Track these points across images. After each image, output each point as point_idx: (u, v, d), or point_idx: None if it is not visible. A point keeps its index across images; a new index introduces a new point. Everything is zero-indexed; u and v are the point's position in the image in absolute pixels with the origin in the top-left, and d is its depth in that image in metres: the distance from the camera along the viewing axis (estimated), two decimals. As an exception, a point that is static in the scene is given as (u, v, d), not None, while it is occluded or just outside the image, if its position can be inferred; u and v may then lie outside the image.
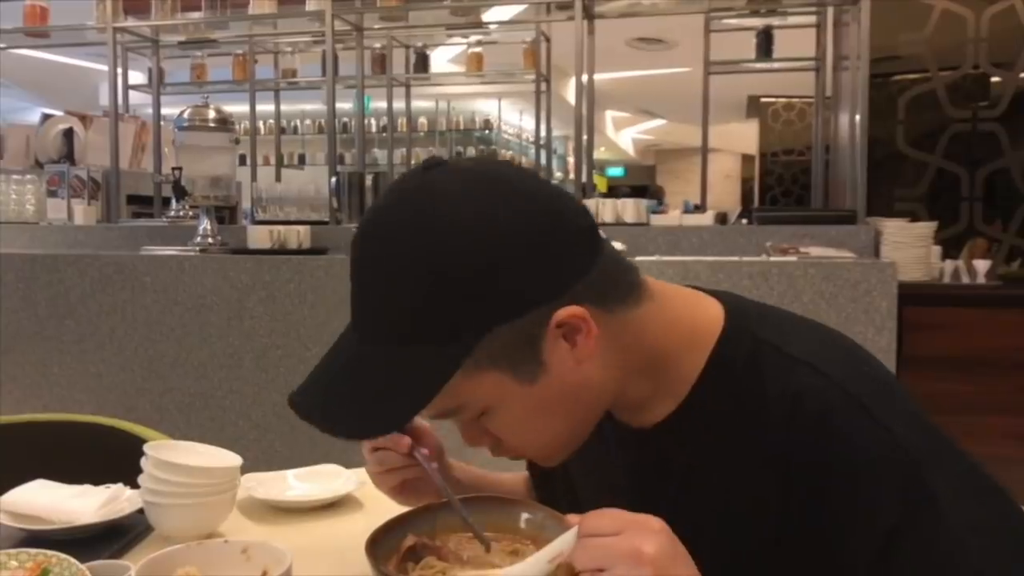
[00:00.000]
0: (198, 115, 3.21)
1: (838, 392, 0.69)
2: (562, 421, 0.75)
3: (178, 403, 2.93)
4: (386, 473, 0.91)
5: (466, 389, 0.69)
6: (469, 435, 0.77)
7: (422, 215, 0.67)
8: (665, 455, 0.79)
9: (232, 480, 1.06)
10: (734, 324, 0.76)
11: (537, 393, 0.71)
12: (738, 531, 0.73)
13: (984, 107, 3.95)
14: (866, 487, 0.66)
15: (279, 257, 2.88)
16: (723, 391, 0.75)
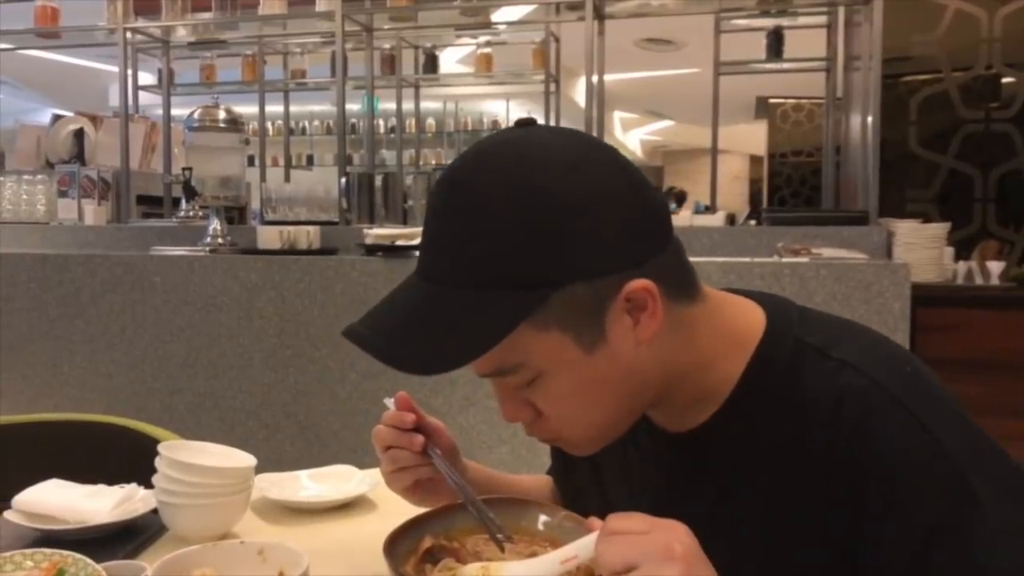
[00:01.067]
0: (208, 116, 3.22)
1: (881, 393, 0.69)
2: (607, 403, 0.74)
3: (188, 403, 2.94)
4: (399, 472, 0.90)
5: (529, 345, 0.68)
6: (511, 405, 0.75)
7: (519, 164, 0.68)
8: (704, 459, 0.78)
9: (246, 480, 1.05)
10: (776, 327, 0.76)
11: (592, 365, 0.70)
12: (778, 534, 0.72)
13: (997, 108, 3.93)
14: (907, 486, 0.66)
15: (289, 257, 2.88)
16: (764, 393, 0.74)
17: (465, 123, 8.64)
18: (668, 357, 0.74)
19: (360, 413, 2.77)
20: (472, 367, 0.70)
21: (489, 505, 0.83)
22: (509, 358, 0.69)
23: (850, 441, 0.68)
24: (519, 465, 2.68)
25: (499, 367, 0.71)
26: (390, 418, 0.90)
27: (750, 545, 0.73)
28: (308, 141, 8.79)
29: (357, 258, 2.80)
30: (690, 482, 0.79)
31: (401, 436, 0.89)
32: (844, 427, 0.68)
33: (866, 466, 0.67)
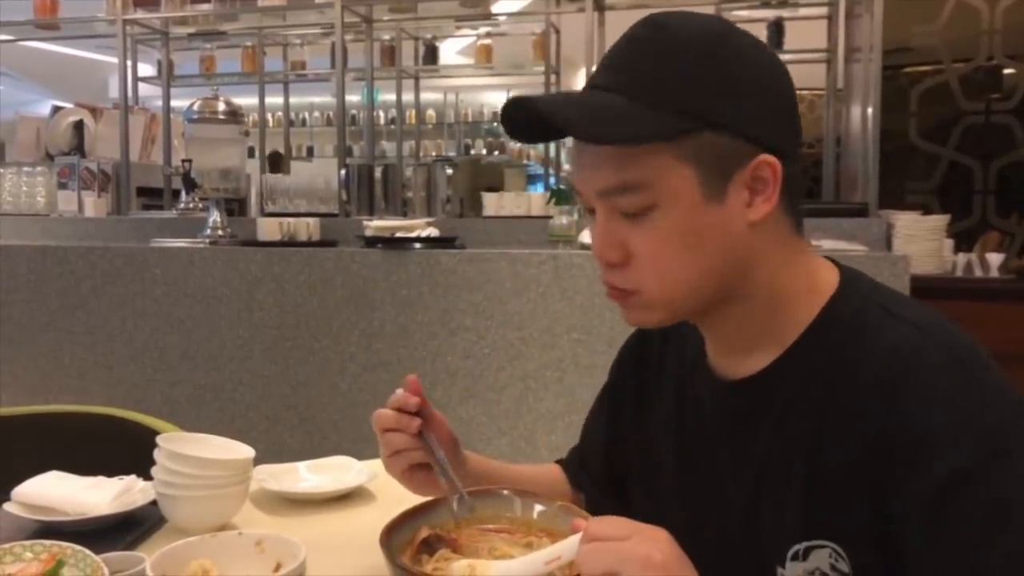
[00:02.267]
0: (208, 107, 3.21)
1: (939, 351, 0.71)
2: (698, 264, 0.76)
3: (188, 395, 2.94)
4: (395, 456, 0.92)
5: (663, 169, 0.73)
6: (607, 241, 0.76)
7: (720, 22, 0.78)
8: (763, 404, 0.80)
9: (245, 472, 1.06)
10: (848, 284, 0.80)
11: (702, 217, 0.74)
12: (821, 485, 0.74)
13: (998, 99, 3.92)
14: (944, 429, 0.67)
15: (289, 249, 2.88)
16: (828, 343, 0.77)
17: (466, 114, 8.63)
18: (760, 262, 0.77)
19: (360, 405, 2.78)
20: (601, 178, 0.74)
21: (486, 496, 0.84)
22: (641, 175, 0.73)
23: (901, 392, 0.70)
24: (518, 457, 2.69)
25: (626, 182, 0.73)
26: (394, 400, 0.92)
27: (794, 496, 0.75)
28: (308, 132, 8.78)
29: (357, 250, 2.80)
30: (746, 429, 0.81)
31: (400, 418, 0.91)
32: (897, 379, 0.71)
33: (913, 415, 0.69)
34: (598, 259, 0.78)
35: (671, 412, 0.91)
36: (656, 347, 0.97)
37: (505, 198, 3.63)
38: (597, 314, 2.56)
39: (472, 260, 2.68)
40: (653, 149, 0.73)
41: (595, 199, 0.76)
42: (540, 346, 2.60)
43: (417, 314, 2.71)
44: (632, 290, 0.77)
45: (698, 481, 0.86)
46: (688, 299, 0.77)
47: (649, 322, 0.80)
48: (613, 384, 1.04)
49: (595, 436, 1.05)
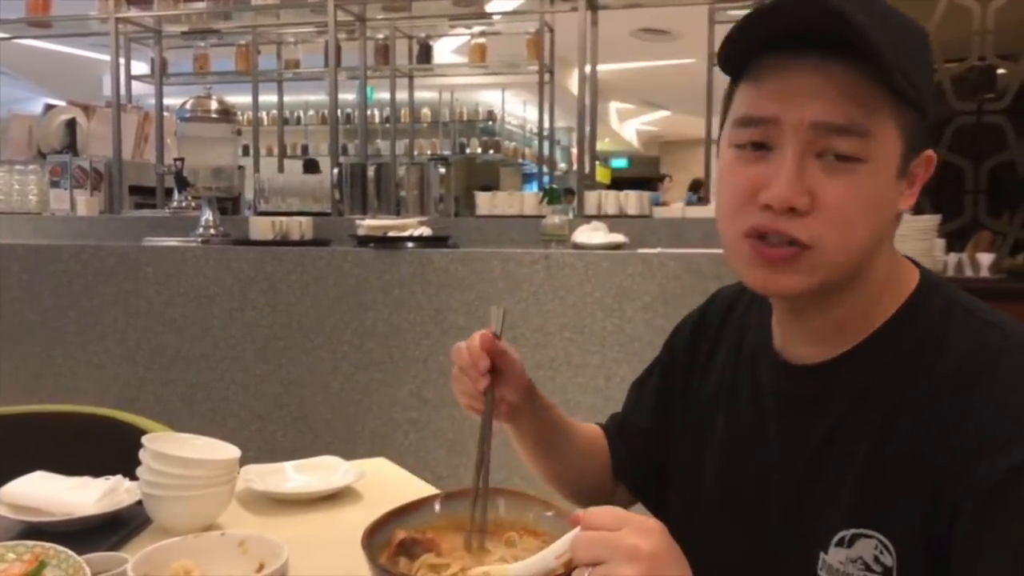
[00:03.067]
0: (200, 106, 3.21)
1: (1017, 352, 0.72)
2: (871, 234, 0.74)
3: (180, 394, 2.94)
4: (464, 396, 0.96)
5: (885, 127, 0.72)
6: (800, 183, 0.72)
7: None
8: (826, 392, 0.80)
9: (230, 472, 1.06)
10: (929, 282, 0.81)
11: (890, 188, 0.74)
12: (883, 472, 0.74)
13: (990, 99, 3.93)
14: (1010, 427, 0.68)
15: (281, 248, 2.88)
16: (908, 337, 0.77)
17: (461, 113, 8.63)
18: (883, 250, 0.78)
19: (352, 404, 2.78)
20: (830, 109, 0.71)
21: (466, 497, 0.85)
22: (869, 124, 0.72)
23: (975, 390, 0.70)
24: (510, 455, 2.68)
25: (854, 122, 0.71)
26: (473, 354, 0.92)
27: (851, 482, 0.75)
28: (304, 131, 8.77)
29: (349, 249, 2.80)
30: (809, 413, 0.81)
31: (471, 369, 0.92)
32: (974, 377, 0.71)
33: (982, 412, 0.69)
34: (779, 203, 0.72)
35: (723, 392, 0.92)
36: (713, 329, 0.98)
37: (498, 197, 3.63)
38: (589, 314, 2.57)
39: (464, 259, 2.68)
40: (883, 105, 0.72)
41: (803, 131, 0.72)
42: (532, 345, 2.60)
43: (409, 313, 2.71)
44: (807, 243, 0.73)
45: (743, 459, 0.87)
46: (851, 266, 0.75)
47: (802, 287, 0.75)
48: (665, 358, 1.05)
49: (641, 408, 1.06)
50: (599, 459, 1.07)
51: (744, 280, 0.79)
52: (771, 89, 0.74)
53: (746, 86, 0.77)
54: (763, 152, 0.75)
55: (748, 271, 0.77)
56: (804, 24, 0.70)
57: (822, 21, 0.69)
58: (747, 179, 0.75)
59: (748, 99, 0.76)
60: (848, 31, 0.68)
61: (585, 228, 2.77)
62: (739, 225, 0.76)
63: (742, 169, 0.76)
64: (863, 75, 0.71)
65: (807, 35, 0.71)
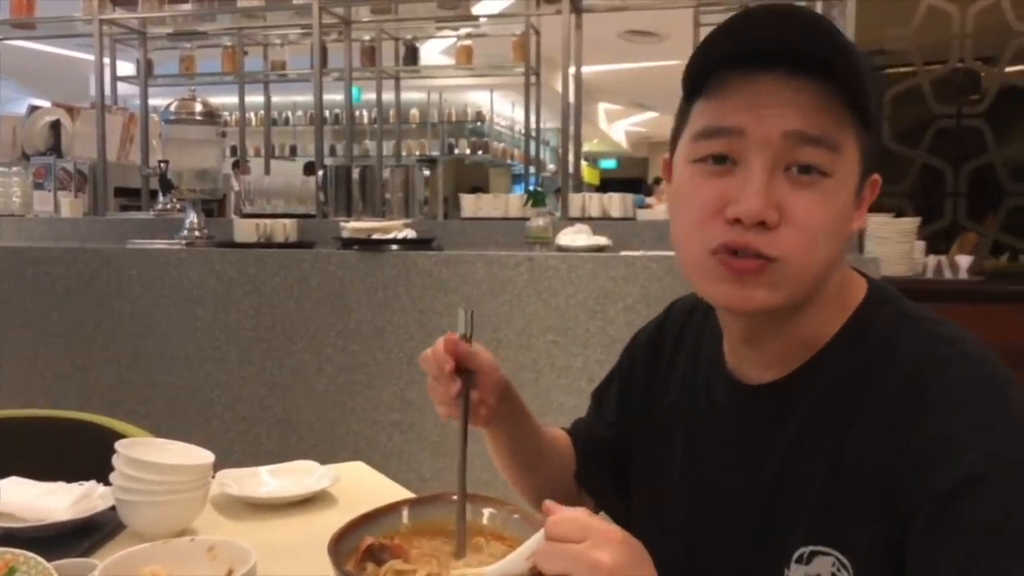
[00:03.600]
0: (184, 108, 3.20)
1: (965, 361, 0.72)
2: (834, 249, 0.75)
3: (164, 397, 2.94)
4: (439, 403, 0.95)
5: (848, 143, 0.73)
6: (767, 196, 0.72)
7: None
8: (783, 411, 0.80)
9: (204, 477, 1.06)
10: (877, 294, 0.81)
11: (848, 205, 0.75)
12: (840, 488, 0.74)
13: (969, 103, 3.96)
14: (961, 436, 0.68)
15: (265, 251, 2.88)
16: (856, 351, 0.77)
17: (449, 114, 8.63)
18: (836, 268, 0.78)
19: (336, 406, 2.78)
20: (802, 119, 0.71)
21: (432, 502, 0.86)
22: (837, 137, 0.72)
23: (925, 401, 0.70)
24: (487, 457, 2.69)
25: (825, 134, 0.72)
26: (437, 357, 0.92)
27: (809, 499, 0.76)
28: (292, 131, 8.76)
29: (333, 251, 2.80)
30: (765, 432, 0.81)
31: (441, 376, 0.92)
32: (924, 389, 0.71)
33: (933, 423, 0.69)
34: (749, 217, 0.71)
35: (680, 412, 0.92)
36: (671, 339, 0.98)
37: (483, 199, 3.64)
38: (572, 316, 2.58)
39: (448, 262, 2.69)
40: (848, 124, 0.73)
41: (772, 143, 0.71)
42: (516, 347, 2.61)
43: (393, 315, 2.72)
44: (774, 257, 0.72)
45: (704, 479, 0.87)
46: (814, 282, 0.75)
47: (771, 302, 0.74)
48: (623, 368, 1.05)
49: (602, 416, 1.06)
50: (569, 465, 1.07)
51: (711, 298, 0.78)
52: (737, 101, 0.73)
53: (706, 101, 0.76)
54: (727, 166, 0.74)
55: (717, 287, 0.75)
56: (787, 40, 0.70)
57: (807, 38, 0.70)
58: (712, 194, 0.74)
59: (710, 112, 0.75)
60: (833, 50, 0.69)
61: (569, 230, 2.78)
62: (705, 242, 0.74)
63: (706, 184, 0.75)
64: (830, 91, 0.72)
65: (773, 52, 0.71)
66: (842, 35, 0.72)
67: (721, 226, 0.73)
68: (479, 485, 0.90)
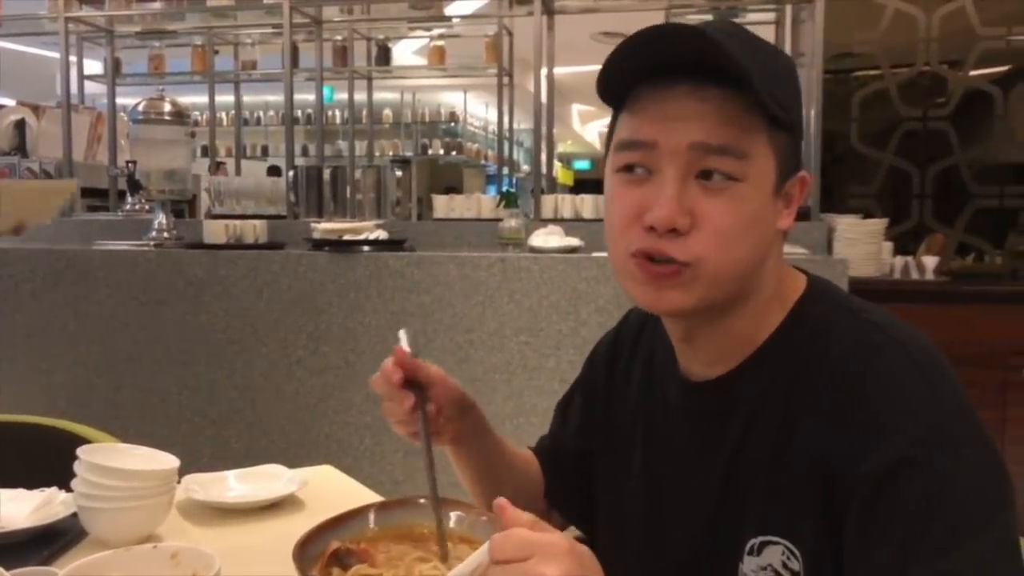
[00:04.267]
0: (153, 108, 3.17)
1: (895, 347, 0.74)
2: (751, 252, 0.77)
3: (132, 400, 2.90)
4: (398, 424, 0.94)
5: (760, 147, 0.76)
6: (679, 204, 0.75)
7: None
8: (729, 406, 0.83)
9: (168, 483, 1.05)
10: (815, 289, 0.84)
11: (766, 207, 0.77)
12: (784, 479, 0.76)
13: (935, 105, 4.02)
14: (893, 422, 0.70)
15: (235, 252, 2.85)
16: (792, 345, 0.80)
17: (423, 114, 8.61)
18: (769, 268, 0.80)
19: (307, 409, 2.76)
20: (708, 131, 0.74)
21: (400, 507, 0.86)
22: (745, 144, 0.75)
23: (857, 388, 0.73)
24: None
25: (731, 143, 0.74)
26: (385, 371, 0.92)
27: (757, 492, 0.78)
28: (263, 132, 8.69)
29: (304, 253, 2.79)
30: (711, 432, 0.84)
31: (393, 393, 0.91)
32: (855, 375, 0.73)
33: (864, 409, 0.72)
34: (661, 224, 0.75)
35: (638, 414, 0.94)
36: (628, 347, 1.00)
37: (456, 200, 3.63)
38: (545, 317, 2.58)
39: (420, 263, 2.68)
40: (758, 127, 0.75)
41: (681, 154, 0.75)
42: (488, 349, 2.61)
43: (365, 317, 2.70)
44: (686, 262, 0.76)
45: (661, 479, 0.89)
46: (734, 281, 0.78)
47: (687, 304, 0.78)
48: (585, 378, 1.07)
49: (566, 430, 1.07)
50: (536, 485, 1.07)
51: (633, 298, 0.82)
52: (649, 115, 0.77)
53: (627, 114, 0.80)
54: (644, 175, 0.78)
55: (637, 289, 0.80)
56: (676, 54, 0.74)
57: (694, 51, 0.73)
58: (631, 202, 0.78)
59: (628, 126, 0.79)
60: (721, 58, 0.72)
61: (541, 231, 2.79)
62: (626, 246, 0.79)
63: (626, 192, 0.79)
64: (736, 99, 0.74)
65: (681, 64, 0.74)
66: (746, 43, 0.76)
67: (639, 232, 0.77)
68: (448, 487, 0.89)
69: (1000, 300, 3.05)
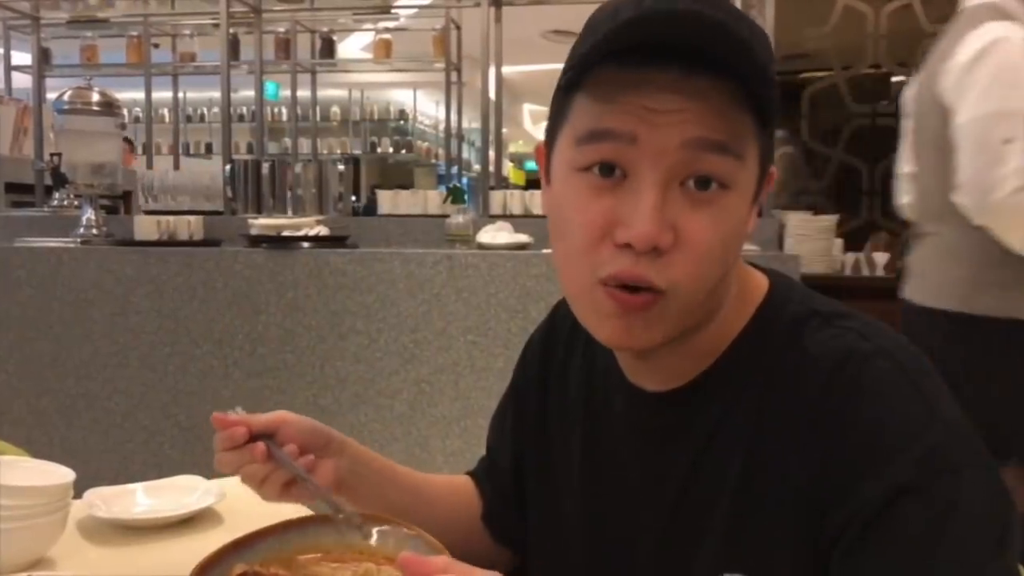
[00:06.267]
0: (80, 98, 3.01)
1: (886, 359, 0.65)
2: (725, 268, 0.67)
3: (58, 405, 2.75)
4: (262, 485, 0.81)
5: (749, 148, 0.64)
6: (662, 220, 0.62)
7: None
8: (686, 420, 0.72)
9: (61, 499, 0.94)
10: (779, 291, 0.74)
11: (746, 215, 0.67)
12: (753, 505, 0.67)
13: (883, 103, 4.05)
14: (889, 444, 0.61)
15: (167, 249, 2.73)
16: (760, 353, 0.70)
17: (371, 112, 8.48)
18: (732, 273, 0.70)
19: (245, 413, 2.64)
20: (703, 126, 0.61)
21: (316, 523, 0.76)
22: (740, 144, 0.63)
23: (844, 403, 0.64)
24: (413, 464, 2.58)
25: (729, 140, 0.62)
26: (222, 441, 0.81)
27: (718, 519, 0.68)
28: (208, 129, 8.46)
29: (240, 250, 2.67)
30: (668, 445, 0.73)
31: (242, 454, 0.80)
32: (842, 388, 0.64)
33: (852, 420, 0.63)
34: (642, 243, 0.61)
35: (577, 426, 0.82)
36: (564, 337, 0.88)
37: (401, 196, 3.53)
38: (493, 315, 2.51)
39: (363, 260, 2.58)
40: (748, 125, 0.63)
41: (668, 154, 0.62)
42: (435, 349, 2.53)
43: (305, 317, 2.60)
44: (663, 289, 0.63)
45: (606, 502, 0.79)
46: (703, 306, 0.67)
47: (653, 342, 0.66)
48: (516, 386, 0.94)
49: (501, 445, 0.95)
50: (469, 515, 0.94)
51: (597, 334, 0.68)
52: (630, 104, 0.62)
53: (591, 99, 0.64)
54: (615, 178, 0.64)
55: (604, 323, 0.67)
56: (678, 35, 0.60)
57: (700, 33, 0.59)
58: (598, 214, 0.64)
59: (596, 113, 0.64)
60: (733, 47, 0.60)
61: (490, 228, 2.72)
62: (593, 270, 0.65)
63: (591, 200, 0.64)
64: (726, 91, 0.62)
65: (663, 45, 0.61)
66: (744, 26, 0.62)
67: (610, 251, 0.64)
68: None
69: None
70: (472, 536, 0.93)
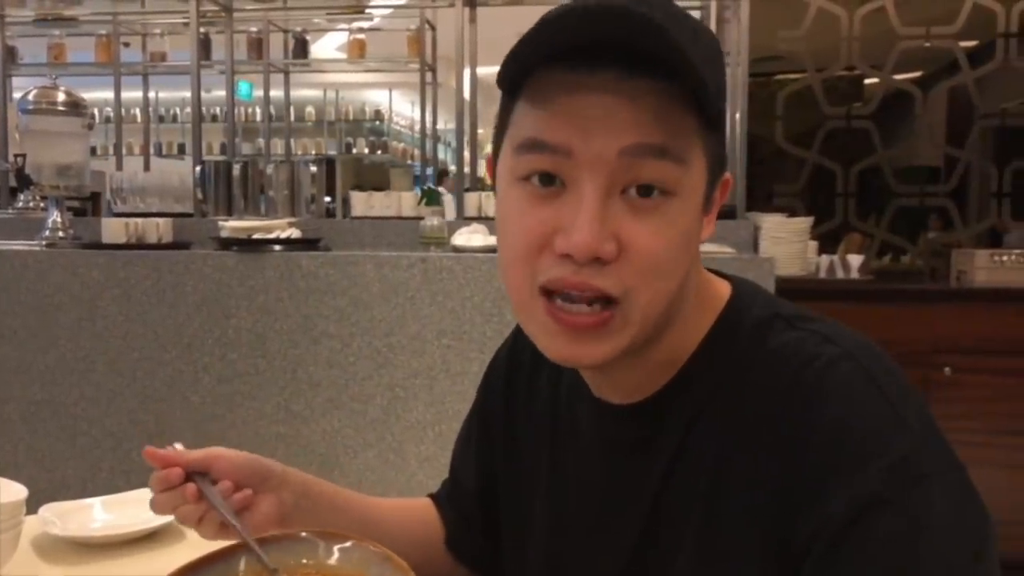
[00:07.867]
0: (45, 97, 2.95)
1: (851, 363, 0.63)
2: (679, 277, 0.64)
3: (22, 412, 2.68)
4: (199, 525, 0.78)
5: (694, 152, 0.62)
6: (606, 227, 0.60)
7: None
8: (655, 432, 0.70)
9: (13, 517, 0.90)
10: (742, 297, 0.72)
11: (696, 222, 0.65)
12: (724, 518, 0.65)
13: (858, 105, 4.07)
14: (857, 452, 0.59)
15: (135, 252, 2.68)
16: (725, 359, 0.68)
17: (346, 112, 8.41)
18: (690, 281, 0.68)
19: (215, 419, 2.60)
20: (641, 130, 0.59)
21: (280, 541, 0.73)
22: (682, 148, 0.61)
23: (810, 408, 0.62)
24: (387, 469, 2.57)
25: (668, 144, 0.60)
26: (157, 483, 0.77)
27: (689, 535, 0.66)
28: (180, 129, 8.35)
29: (210, 252, 2.62)
30: (630, 464, 0.71)
31: (175, 495, 0.77)
32: (806, 392, 0.62)
33: (818, 427, 0.61)
34: (581, 253, 0.59)
35: (543, 444, 0.80)
36: (527, 368, 0.85)
37: (375, 197, 3.49)
38: (468, 319, 2.48)
39: (336, 263, 2.55)
40: (692, 128, 0.61)
41: (605, 162, 0.60)
42: (409, 353, 2.50)
43: (276, 321, 2.56)
44: (617, 298, 0.61)
45: (576, 519, 0.77)
46: (661, 316, 0.65)
47: (609, 356, 0.64)
48: (481, 407, 0.91)
49: (466, 467, 0.92)
50: (423, 535, 0.92)
51: (542, 349, 0.66)
52: (563, 111, 0.60)
53: (528, 105, 0.63)
54: (555, 188, 0.62)
55: (545, 339, 0.65)
56: (605, 32, 0.58)
57: (629, 30, 0.57)
58: (538, 222, 0.62)
59: (534, 121, 0.62)
60: (665, 43, 0.57)
61: (464, 230, 2.69)
62: (531, 280, 0.63)
63: (530, 210, 0.62)
64: (667, 93, 0.60)
65: (596, 46, 0.59)
66: (682, 25, 0.60)
67: (550, 260, 0.62)
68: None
69: (923, 299, 3.08)
70: (432, 558, 0.91)
